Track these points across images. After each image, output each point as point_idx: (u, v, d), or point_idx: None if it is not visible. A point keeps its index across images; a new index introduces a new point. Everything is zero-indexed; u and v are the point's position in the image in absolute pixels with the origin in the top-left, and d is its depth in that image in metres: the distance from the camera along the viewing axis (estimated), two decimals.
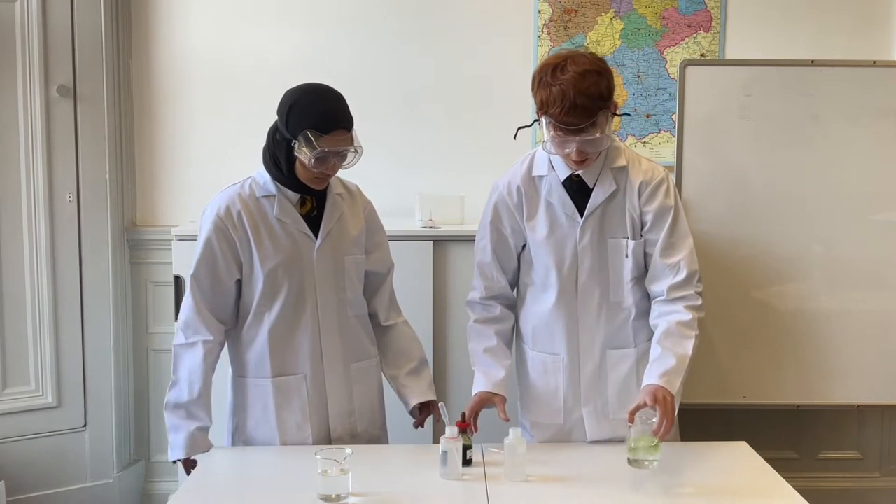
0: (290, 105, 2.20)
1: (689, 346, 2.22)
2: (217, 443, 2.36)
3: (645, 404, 2.09)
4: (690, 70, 3.03)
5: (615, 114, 2.21)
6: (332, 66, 3.46)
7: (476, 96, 3.49)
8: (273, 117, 3.44)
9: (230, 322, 2.32)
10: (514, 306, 2.45)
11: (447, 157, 3.49)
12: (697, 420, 3.24)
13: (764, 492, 2.05)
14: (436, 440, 2.58)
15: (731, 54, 3.45)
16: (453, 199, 3.32)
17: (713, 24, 3.45)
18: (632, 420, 2.07)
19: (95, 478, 3.36)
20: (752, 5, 3.46)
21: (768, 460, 2.24)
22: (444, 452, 2.08)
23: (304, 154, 2.16)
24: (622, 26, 3.45)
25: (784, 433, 3.48)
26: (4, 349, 3.18)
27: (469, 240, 3.14)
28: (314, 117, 2.16)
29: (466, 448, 2.14)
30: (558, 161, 2.29)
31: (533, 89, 2.22)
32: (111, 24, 3.30)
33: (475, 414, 2.27)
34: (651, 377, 2.17)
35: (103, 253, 3.32)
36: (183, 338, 2.27)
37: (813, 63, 3.04)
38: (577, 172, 2.28)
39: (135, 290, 3.49)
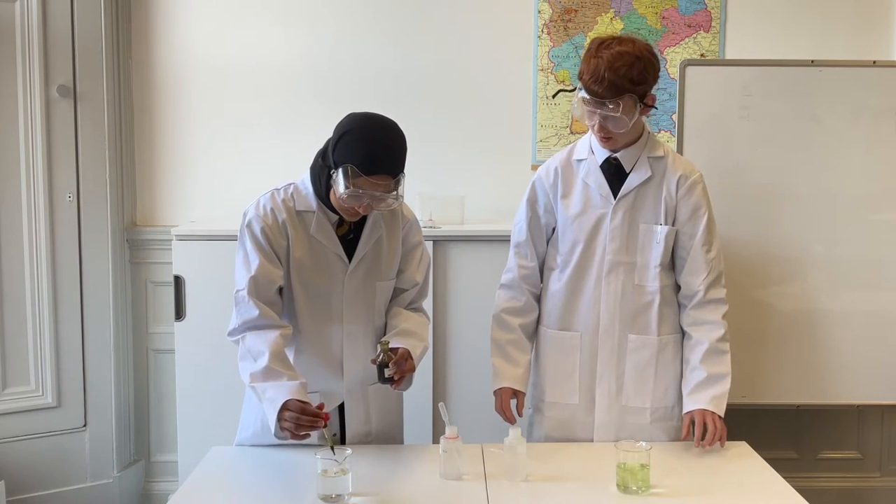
0: (344, 132, 2.10)
1: (728, 363, 2.36)
2: (225, 440, 2.36)
3: (692, 428, 2.28)
4: (690, 70, 3.03)
5: (647, 104, 2.28)
6: (332, 66, 3.46)
7: (476, 96, 3.49)
8: (273, 117, 3.48)
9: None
10: (539, 298, 2.48)
11: (447, 157, 3.49)
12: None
13: (764, 492, 2.05)
14: (436, 440, 2.58)
15: (731, 54, 3.45)
16: (453, 199, 3.32)
17: (713, 24, 3.45)
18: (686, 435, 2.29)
19: (95, 478, 3.36)
20: (752, 5, 3.46)
21: (768, 460, 2.24)
22: (444, 452, 2.08)
23: (338, 186, 2.08)
24: (622, 26, 3.45)
25: (784, 433, 3.48)
26: (4, 349, 3.18)
27: (469, 240, 3.17)
28: (360, 155, 2.05)
29: (384, 365, 2.10)
30: (598, 146, 2.37)
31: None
32: (111, 24, 3.30)
33: (508, 406, 2.36)
34: (701, 401, 2.30)
35: (103, 253, 3.32)
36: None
37: (813, 63, 3.04)
38: (615, 156, 2.35)
39: (135, 290, 3.49)
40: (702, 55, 3.45)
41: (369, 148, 2.07)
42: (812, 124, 3.04)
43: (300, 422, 2.01)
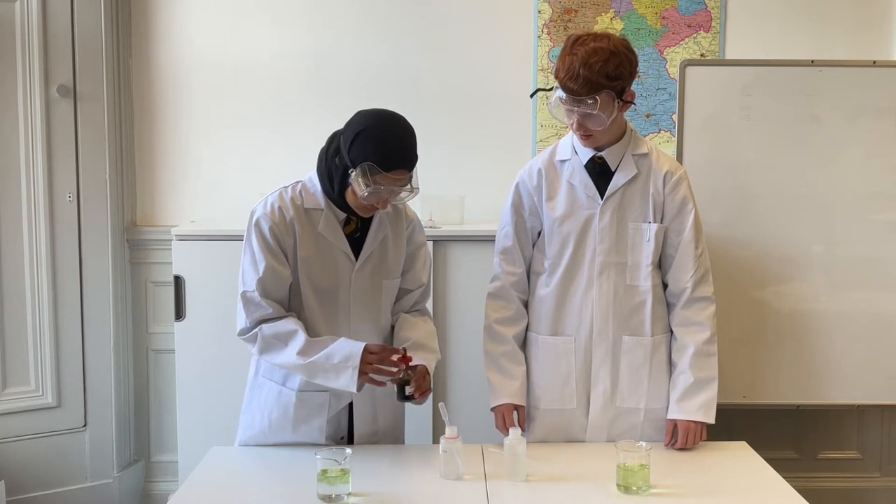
0: (359, 131, 2.11)
1: (715, 366, 2.34)
2: (225, 440, 2.35)
3: (674, 438, 2.30)
4: (690, 70, 3.03)
5: (626, 101, 2.25)
6: (333, 67, 3.46)
7: (476, 96, 3.49)
8: (273, 117, 3.48)
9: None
10: (527, 304, 2.46)
11: (447, 157, 3.48)
12: None
13: (764, 492, 2.05)
14: (436, 440, 2.58)
15: (731, 54, 3.45)
16: (453, 199, 3.32)
17: (713, 24, 3.45)
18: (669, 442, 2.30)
19: (95, 478, 3.36)
20: (752, 5, 3.46)
21: (768, 460, 2.24)
22: (444, 452, 2.08)
23: (358, 185, 2.09)
24: (622, 26, 3.45)
25: (784, 433, 3.48)
26: (4, 349, 3.18)
27: (469, 240, 3.17)
28: (379, 152, 2.08)
29: (404, 383, 2.11)
30: (581, 146, 2.35)
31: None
32: (111, 24, 3.30)
33: (512, 423, 2.27)
34: (689, 410, 2.30)
35: (103, 253, 3.32)
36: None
37: (813, 63, 3.04)
38: (599, 155, 2.33)
39: (135, 290, 3.49)
40: (702, 55, 3.45)
41: (386, 145, 2.10)
42: (812, 124, 3.04)
43: (384, 363, 2.10)
